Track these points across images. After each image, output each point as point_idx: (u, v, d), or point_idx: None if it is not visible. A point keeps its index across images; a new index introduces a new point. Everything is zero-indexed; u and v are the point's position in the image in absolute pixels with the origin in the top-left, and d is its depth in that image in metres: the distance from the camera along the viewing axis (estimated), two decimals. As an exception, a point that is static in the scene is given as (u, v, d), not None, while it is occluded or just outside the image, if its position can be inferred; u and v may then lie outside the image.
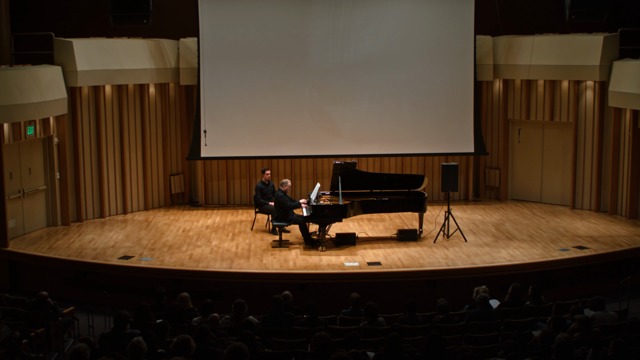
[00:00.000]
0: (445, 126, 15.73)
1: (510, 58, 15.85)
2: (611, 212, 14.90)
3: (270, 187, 13.79)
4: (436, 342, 6.93)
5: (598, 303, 8.92)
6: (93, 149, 14.69)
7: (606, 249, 12.51)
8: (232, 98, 15.26)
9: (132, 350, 6.71)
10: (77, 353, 6.31)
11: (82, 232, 13.84)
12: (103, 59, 14.47)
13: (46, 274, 12.46)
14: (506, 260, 11.94)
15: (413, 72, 15.47)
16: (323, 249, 12.48)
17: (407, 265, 11.76)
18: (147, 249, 12.67)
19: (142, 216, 15.16)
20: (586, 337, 7.70)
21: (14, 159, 13.24)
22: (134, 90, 15.22)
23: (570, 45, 15.07)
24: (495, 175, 16.55)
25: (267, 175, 13.73)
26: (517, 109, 16.14)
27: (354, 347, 7.07)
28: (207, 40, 15.03)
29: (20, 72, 12.90)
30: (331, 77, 15.38)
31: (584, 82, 15.18)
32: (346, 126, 15.60)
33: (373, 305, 8.74)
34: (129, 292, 11.83)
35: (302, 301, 9.45)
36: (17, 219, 13.39)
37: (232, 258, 12.18)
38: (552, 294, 11.46)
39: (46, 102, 13.27)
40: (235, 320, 8.73)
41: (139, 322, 8.56)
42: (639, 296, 11.59)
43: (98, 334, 9.17)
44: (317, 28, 15.19)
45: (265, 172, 13.75)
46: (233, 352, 6.02)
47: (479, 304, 9.09)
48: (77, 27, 15.13)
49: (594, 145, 15.19)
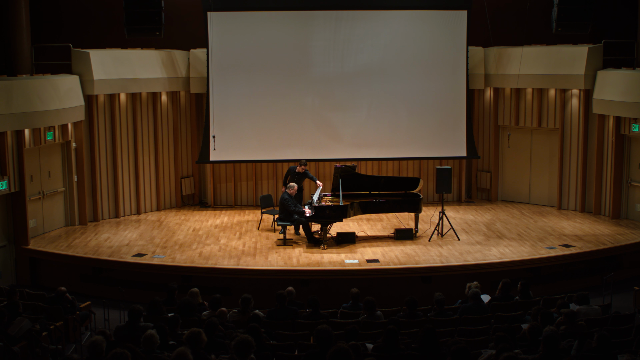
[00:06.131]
0: (439, 132, 15.73)
1: (500, 68, 15.85)
2: (595, 212, 14.89)
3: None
4: (431, 334, 6.93)
5: (583, 298, 8.92)
6: (109, 153, 14.71)
7: (590, 247, 12.50)
8: (239, 105, 15.27)
9: (145, 342, 6.71)
10: (94, 345, 6.31)
11: (99, 231, 13.85)
12: (118, 68, 14.49)
13: (64, 270, 12.47)
14: (497, 257, 11.93)
15: (409, 81, 15.48)
16: (325, 247, 12.48)
17: (404, 262, 11.76)
18: (159, 247, 12.68)
19: (154, 216, 15.17)
20: (572, 330, 7.69)
21: (35, 163, 13.26)
22: (147, 98, 15.24)
23: (557, 56, 15.08)
24: (486, 177, 16.55)
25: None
26: (507, 116, 16.14)
27: (353, 339, 7.07)
28: (216, 51, 15.04)
29: (40, 81, 12.92)
30: (332, 86, 15.39)
31: (570, 91, 15.18)
32: (346, 132, 15.60)
33: (371, 300, 8.74)
34: (143, 287, 11.82)
35: (305, 296, 9.45)
36: (38, 219, 13.41)
37: (239, 255, 12.18)
38: (540, 289, 11.45)
39: (65, 109, 13.29)
40: (242, 314, 8.73)
41: (152, 316, 8.56)
42: (621, 291, 11.57)
43: (113, 327, 9.19)
44: (319, 40, 15.21)
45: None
46: (240, 344, 6.01)
47: (471, 299, 9.08)
48: (93, 38, 15.15)
49: (579, 150, 15.18)
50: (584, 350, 6.91)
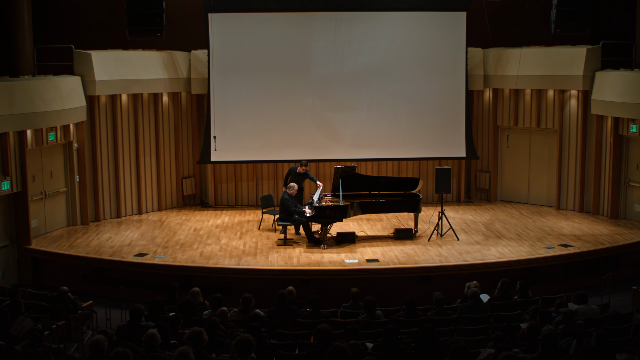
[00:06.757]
0: (438, 132, 15.74)
1: (499, 69, 15.86)
2: (594, 212, 14.90)
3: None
4: (430, 334, 6.94)
5: (581, 297, 8.92)
6: (110, 154, 14.72)
7: (589, 246, 12.50)
8: (240, 106, 15.28)
9: (147, 342, 6.72)
10: (95, 344, 6.31)
11: (100, 231, 13.86)
12: (120, 69, 14.50)
13: (66, 270, 12.48)
14: (495, 257, 11.94)
15: (409, 82, 15.48)
16: (325, 247, 12.49)
17: (403, 262, 11.77)
18: (160, 247, 12.69)
19: (156, 216, 15.18)
20: (570, 329, 7.70)
21: (37, 163, 13.27)
22: (148, 99, 15.24)
23: (556, 57, 15.08)
24: (485, 178, 16.55)
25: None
26: (506, 116, 16.14)
27: (353, 339, 7.07)
28: (217, 52, 15.04)
29: (42, 81, 12.93)
30: (332, 86, 15.39)
31: (568, 91, 15.18)
32: (346, 132, 15.61)
33: (371, 299, 8.74)
34: (144, 287, 11.83)
35: (305, 295, 9.45)
36: (40, 219, 13.42)
37: (240, 255, 12.19)
38: (539, 289, 11.46)
39: (66, 110, 13.30)
40: (243, 313, 8.73)
41: (153, 315, 8.57)
42: (619, 291, 11.58)
43: (115, 326, 9.18)
44: (319, 41, 15.21)
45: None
46: (241, 343, 6.02)
47: (470, 298, 9.09)
48: (95, 39, 15.16)
49: (577, 150, 15.19)
50: (583, 349, 6.91)
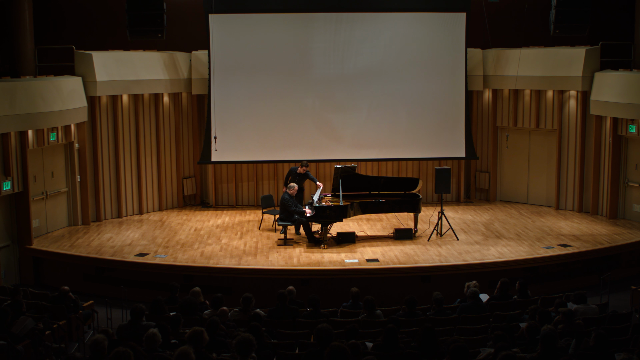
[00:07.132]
0: (438, 133, 15.74)
1: (498, 69, 15.86)
2: (592, 212, 14.89)
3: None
4: (430, 333, 6.93)
5: (580, 297, 8.91)
6: (111, 154, 14.71)
7: (588, 246, 12.50)
8: (240, 107, 15.27)
9: (147, 341, 6.70)
10: (96, 343, 6.30)
11: (101, 231, 13.86)
12: (120, 70, 14.50)
13: (68, 270, 12.47)
14: (495, 257, 11.93)
15: (408, 82, 15.48)
16: (325, 247, 12.48)
17: (403, 261, 11.76)
18: (161, 247, 12.68)
19: (156, 216, 15.17)
20: (569, 328, 7.69)
21: (38, 163, 13.27)
22: (149, 99, 15.24)
23: (555, 58, 15.08)
24: (484, 178, 16.55)
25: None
26: (505, 117, 16.14)
27: (353, 338, 7.07)
28: (217, 53, 15.04)
29: (43, 82, 12.93)
30: (332, 87, 15.39)
31: (568, 92, 15.18)
32: (346, 133, 15.61)
33: (371, 299, 8.74)
34: (145, 287, 11.83)
35: (306, 295, 9.44)
36: (41, 219, 13.41)
37: (241, 255, 12.18)
38: (538, 288, 11.45)
39: (68, 111, 13.29)
40: (244, 313, 8.73)
41: (154, 315, 8.57)
42: (618, 291, 11.57)
43: (116, 325, 9.18)
44: (320, 42, 15.21)
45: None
46: (241, 343, 6.01)
47: (470, 298, 9.08)
48: (96, 40, 15.17)
49: (576, 150, 15.18)
50: (582, 348, 6.91)
